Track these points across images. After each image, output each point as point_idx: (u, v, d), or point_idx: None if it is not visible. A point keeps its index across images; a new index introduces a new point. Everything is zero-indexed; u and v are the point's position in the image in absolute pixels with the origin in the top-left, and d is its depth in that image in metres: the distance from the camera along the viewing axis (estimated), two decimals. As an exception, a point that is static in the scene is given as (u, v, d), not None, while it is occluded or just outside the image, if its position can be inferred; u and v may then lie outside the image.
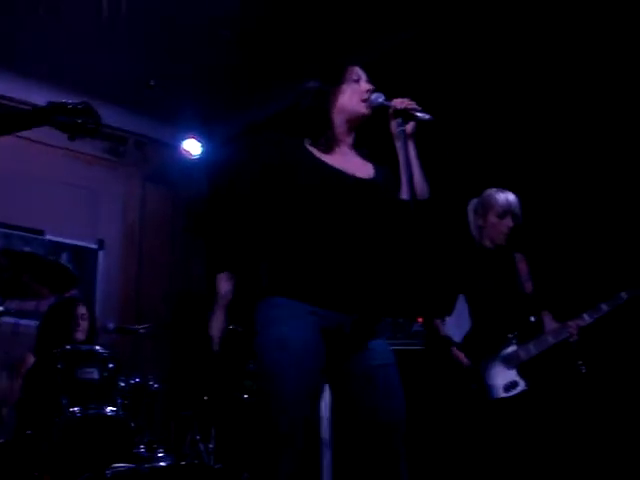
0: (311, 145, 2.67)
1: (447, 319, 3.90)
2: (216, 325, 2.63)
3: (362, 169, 2.70)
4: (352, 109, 2.68)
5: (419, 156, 2.65)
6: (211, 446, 4.46)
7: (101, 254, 6.84)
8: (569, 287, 4.23)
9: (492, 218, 3.87)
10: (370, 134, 2.77)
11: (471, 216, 4.01)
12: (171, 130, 6.96)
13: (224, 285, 2.65)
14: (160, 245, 7.27)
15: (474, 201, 4.03)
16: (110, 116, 6.43)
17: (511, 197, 3.87)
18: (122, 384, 4.11)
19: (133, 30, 5.65)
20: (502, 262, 3.90)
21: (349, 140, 2.75)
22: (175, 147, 6.92)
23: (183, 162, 6.95)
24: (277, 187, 2.58)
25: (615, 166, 4.43)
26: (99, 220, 6.92)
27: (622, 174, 4.41)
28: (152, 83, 6.07)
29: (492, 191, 3.94)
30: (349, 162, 2.68)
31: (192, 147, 6.80)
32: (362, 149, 2.79)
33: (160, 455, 4.00)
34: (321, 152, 2.64)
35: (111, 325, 4.71)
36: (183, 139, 6.79)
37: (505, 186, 3.96)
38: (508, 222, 3.84)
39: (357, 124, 2.74)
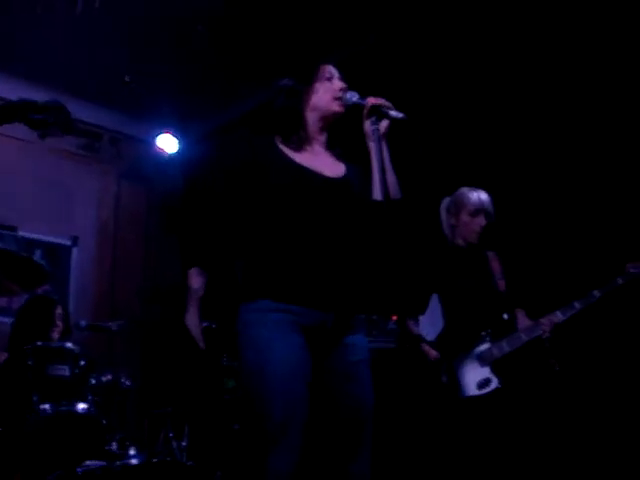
0: (282, 143, 2.67)
1: (420, 318, 3.92)
2: (193, 322, 2.64)
3: (333, 168, 2.71)
4: (325, 107, 2.68)
5: (391, 156, 2.65)
6: (184, 444, 4.46)
7: (75, 251, 6.79)
8: (542, 285, 4.27)
9: (465, 217, 3.89)
10: (344, 133, 2.78)
11: (444, 215, 4.02)
12: (146, 126, 6.91)
13: (196, 280, 2.66)
14: (135, 242, 7.23)
15: (446, 200, 4.04)
16: (85, 112, 6.44)
17: (483, 196, 3.90)
18: (93, 381, 4.11)
19: (108, 26, 5.60)
20: (475, 260, 3.91)
21: (322, 139, 2.75)
22: (150, 143, 6.86)
23: (158, 159, 6.91)
24: (249, 185, 2.58)
25: (586, 164, 4.49)
26: (73, 216, 6.87)
27: (593, 172, 4.47)
28: (127, 79, 6.02)
29: (464, 190, 3.96)
30: (320, 161, 2.68)
31: (167, 144, 6.76)
32: (335, 148, 2.79)
33: (132, 453, 4.00)
34: (292, 151, 2.64)
35: (83, 322, 4.68)
36: (158, 135, 6.75)
37: (477, 185, 3.99)
38: (481, 221, 3.86)
39: (330, 122, 2.73)
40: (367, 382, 2.57)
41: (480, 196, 3.88)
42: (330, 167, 2.70)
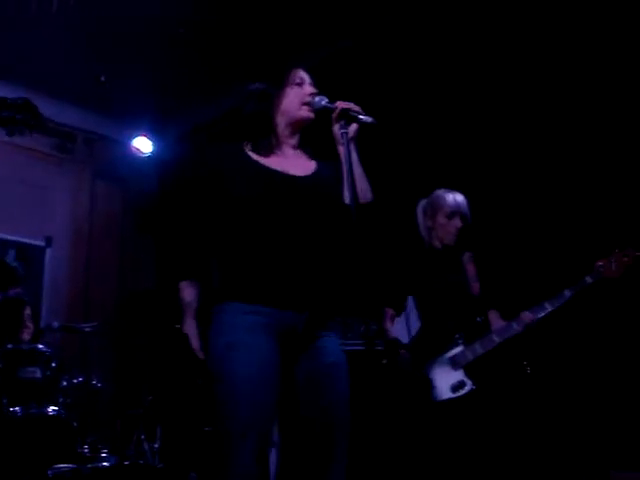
0: (251, 150, 2.68)
1: (396, 320, 3.92)
2: (192, 334, 2.61)
3: (303, 167, 2.72)
4: (295, 112, 2.68)
5: (361, 159, 2.65)
6: (156, 446, 4.44)
7: (49, 251, 6.73)
8: (515, 286, 4.30)
9: (441, 219, 3.89)
10: (314, 139, 2.79)
11: (420, 217, 4.02)
12: (121, 127, 6.89)
13: (188, 293, 2.66)
14: (110, 243, 7.19)
15: (423, 202, 4.04)
16: (59, 112, 6.41)
17: (459, 198, 3.90)
18: (65, 383, 4.08)
19: (84, 25, 5.56)
20: (450, 263, 3.92)
21: (293, 142, 2.75)
22: (125, 144, 6.85)
23: (133, 159, 6.88)
24: (218, 192, 2.60)
25: (554, 167, 4.54)
26: (47, 217, 6.81)
27: (562, 174, 4.52)
28: (102, 79, 6.00)
29: (440, 192, 3.97)
30: (290, 162, 2.69)
31: (142, 145, 6.74)
32: (306, 148, 2.80)
33: (104, 455, 3.99)
34: (261, 156, 2.66)
35: (55, 324, 4.65)
36: (134, 136, 6.72)
37: (453, 187, 4.00)
38: (457, 223, 3.86)
39: (300, 127, 2.74)
40: (340, 387, 2.55)
41: (456, 198, 3.89)
42: (300, 167, 2.70)
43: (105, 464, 3.84)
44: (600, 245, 3.67)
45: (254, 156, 2.65)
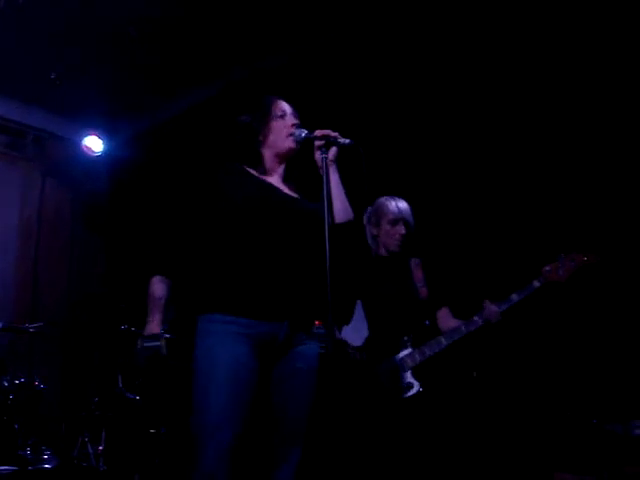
0: (247, 167, 2.85)
1: (344, 326, 3.93)
2: (156, 329, 2.68)
3: (290, 193, 2.87)
4: (280, 145, 2.84)
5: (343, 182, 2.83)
6: (100, 448, 4.39)
7: (-5, 251, 6.61)
8: (464, 291, 4.34)
9: (385, 226, 3.92)
10: (302, 171, 2.94)
11: (365, 225, 4.05)
12: (72, 125, 6.80)
13: (158, 288, 2.72)
14: (58, 243, 7.07)
15: (368, 210, 4.06)
16: (8, 109, 6.31)
17: (402, 204, 3.93)
18: (6, 384, 4.00)
19: (34, 21, 5.46)
20: (397, 269, 3.94)
21: (279, 171, 2.90)
22: (76, 143, 6.76)
23: (84, 159, 6.80)
24: (213, 204, 2.71)
25: (504, 172, 4.60)
26: (-6, 215, 6.69)
27: (512, 180, 4.59)
28: (53, 76, 5.92)
29: (383, 199, 3.99)
30: (280, 186, 2.86)
31: (94, 144, 6.66)
32: (291, 182, 2.93)
33: (46, 457, 3.92)
34: (259, 173, 2.83)
35: (0, 324, 4.56)
36: (84, 135, 6.65)
37: (398, 193, 4.03)
38: (400, 229, 3.88)
39: (286, 158, 2.89)
40: (303, 392, 2.71)
41: (398, 205, 3.92)
42: (288, 191, 2.86)
43: (47, 466, 3.79)
44: (547, 249, 3.72)
45: (251, 171, 2.83)
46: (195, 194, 2.77)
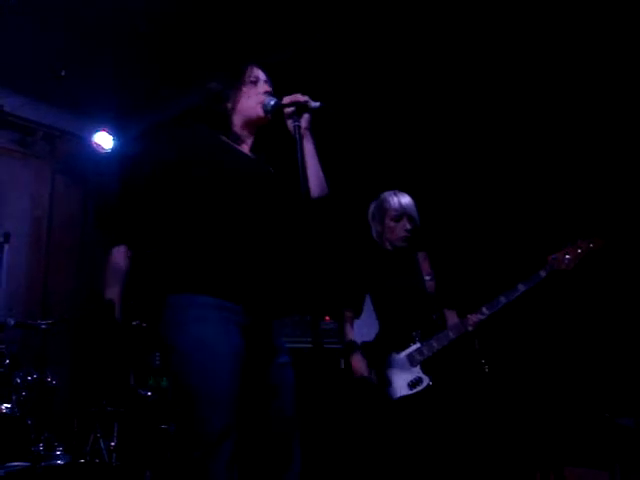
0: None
1: (356, 321, 3.93)
2: (114, 293, 2.58)
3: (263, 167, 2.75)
4: (250, 113, 2.70)
5: (318, 153, 2.68)
6: (113, 444, 4.41)
7: (6, 248, 6.62)
8: (469, 282, 4.35)
9: (388, 222, 3.91)
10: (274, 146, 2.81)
11: (370, 221, 4.05)
12: (82, 122, 6.82)
13: (120, 258, 2.61)
14: (69, 240, 7.11)
15: (372, 206, 4.06)
16: (17, 106, 6.32)
17: (404, 200, 3.91)
18: (19, 380, 4.02)
19: (45, 18, 5.48)
20: (404, 263, 3.94)
21: (249, 142, 2.77)
22: (86, 140, 6.78)
23: (94, 155, 6.82)
24: (184, 171, 2.54)
25: (509, 163, 4.60)
26: (5, 213, 6.70)
27: (513, 169, 4.59)
28: (63, 73, 5.92)
29: (385, 195, 3.98)
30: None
31: (104, 140, 6.68)
32: (260, 153, 2.80)
33: (58, 453, 3.94)
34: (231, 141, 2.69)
35: (11, 321, 4.57)
36: (94, 132, 6.66)
37: (408, 186, 4.02)
38: (404, 225, 3.87)
39: (255, 126, 2.75)
40: (289, 387, 2.57)
41: (400, 200, 3.90)
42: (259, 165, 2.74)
43: (59, 462, 3.81)
44: (553, 239, 3.71)
45: (225, 139, 2.68)
46: (160, 157, 2.61)
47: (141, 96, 6.41)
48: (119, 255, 2.61)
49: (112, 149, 6.74)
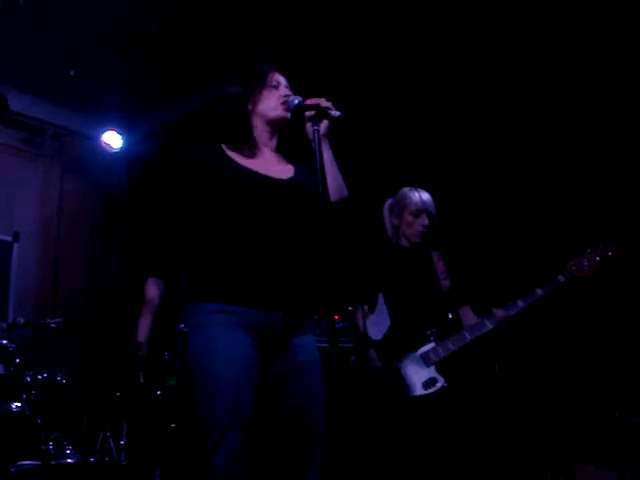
0: (232, 150, 2.69)
1: (369, 317, 3.92)
2: (143, 331, 2.62)
3: (283, 171, 2.74)
4: (271, 113, 2.72)
5: (336, 157, 2.71)
6: (122, 442, 4.42)
7: (16, 247, 6.66)
8: (487, 283, 4.33)
9: (407, 217, 3.89)
10: (293, 144, 2.81)
11: (387, 216, 4.03)
12: (91, 122, 6.84)
13: (152, 290, 2.65)
14: (78, 239, 7.13)
15: (389, 201, 4.05)
16: (26, 105, 6.34)
17: (425, 196, 3.91)
18: (29, 379, 4.03)
19: (53, 18, 5.50)
20: (419, 260, 3.92)
21: (271, 144, 2.79)
22: (95, 139, 6.80)
23: (103, 155, 6.83)
24: (199, 193, 2.60)
25: (526, 164, 4.58)
26: (15, 212, 6.74)
27: (533, 171, 4.56)
28: (72, 73, 5.94)
29: (406, 190, 3.97)
30: (269, 164, 2.71)
31: (112, 140, 6.70)
32: (284, 152, 2.82)
33: (68, 452, 3.94)
34: (242, 157, 2.68)
35: (21, 320, 4.59)
36: (103, 131, 6.68)
37: (422, 184, 4.01)
38: (423, 221, 3.86)
39: (277, 128, 2.78)
40: (314, 386, 2.57)
41: (421, 196, 3.90)
42: (279, 170, 2.73)
43: (70, 461, 3.81)
44: (573, 244, 3.70)
45: (235, 157, 2.67)
46: (176, 190, 2.65)
47: (149, 95, 6.43)
48: (151, 287, 2.66)
49: (121, 148, 6.76)
